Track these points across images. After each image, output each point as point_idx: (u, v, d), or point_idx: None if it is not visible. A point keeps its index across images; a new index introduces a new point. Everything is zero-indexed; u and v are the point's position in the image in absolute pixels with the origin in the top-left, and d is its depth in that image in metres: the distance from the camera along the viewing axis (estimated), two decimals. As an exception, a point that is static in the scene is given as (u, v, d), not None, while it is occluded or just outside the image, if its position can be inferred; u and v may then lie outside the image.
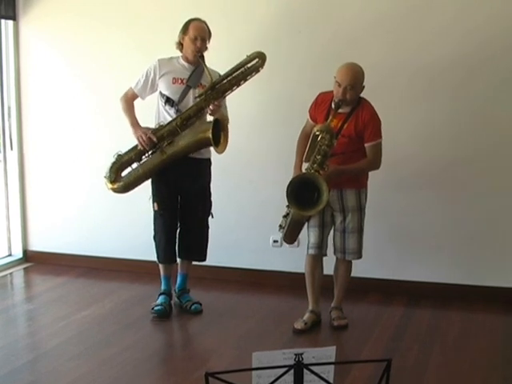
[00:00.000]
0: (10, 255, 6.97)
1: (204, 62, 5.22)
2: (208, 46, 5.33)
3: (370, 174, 5.20)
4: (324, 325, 5.25)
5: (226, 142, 5.31)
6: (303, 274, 5.30)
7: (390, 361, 2.63)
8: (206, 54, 5.30)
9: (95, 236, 6.71)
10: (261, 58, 5.17)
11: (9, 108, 6.76)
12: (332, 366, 2.64)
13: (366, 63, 5.04)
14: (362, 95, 5.03)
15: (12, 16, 6.59)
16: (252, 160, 6.22)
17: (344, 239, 5.16)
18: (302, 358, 2.59)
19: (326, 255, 5.25)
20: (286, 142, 5.71)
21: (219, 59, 5.35)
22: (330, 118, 4.85)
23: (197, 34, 5.24)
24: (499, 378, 4.44)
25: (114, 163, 5.42)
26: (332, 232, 5.24)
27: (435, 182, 5.82)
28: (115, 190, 5.51)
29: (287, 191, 4.82)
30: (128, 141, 5.42)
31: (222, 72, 5.25)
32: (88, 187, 6.57)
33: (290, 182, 4.87)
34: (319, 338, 5.11)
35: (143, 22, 6.22)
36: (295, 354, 2.59)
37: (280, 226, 5.19)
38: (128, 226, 6.36)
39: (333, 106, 4.90)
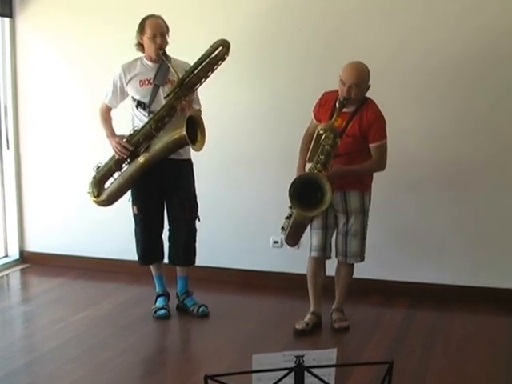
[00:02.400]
0: (6, 256, 6.94)
1: (167, 58, 5.13)
2: (168, 39, 5.22)
3: (374, 174, 5.14)
4: (325, 327, 5.21)
5: (204, 138, 5.17)
6: (304, 275, 5.26)
7: (392, 363, 2.61)
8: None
9: (93, 237, 6.69)
10: (225, 45, 5.05)
11: (5, 107, 6.73)
12: (333, 369, 2.62)
13: (369, 62, 5.00)
14: (367, 95, 4.99)
15: (8, 13, 6.56)
16: (253, 160, 6.17)
17: (346, 242, 5.11)
18: (303, 361, 2.56)
19: (329, 258, 5.20)
20: (287, 142, 5.70)
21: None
22: (334, 117, 4.80)
23: (155, 32, 5.15)
24: (503, 381, 4.40)
25: (94, 177, 5.38)
26: (334, 234, 5.18)
27: (438, 183, 5.79)
28: (100, 204, 5.47)
29: (290, 191, 4.76)
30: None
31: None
32: (85, 188, 6.49)
33: (293, 182, 4.81)
34: (320, 340, 5.07)
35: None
36: (296, 357, 2.56)
37: (282, 227, 5.14)
38: (126, 226, 6.29)
39: (337, 105, 4.85)
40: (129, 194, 5.44)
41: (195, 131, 5.14)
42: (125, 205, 5.58)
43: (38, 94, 6.70)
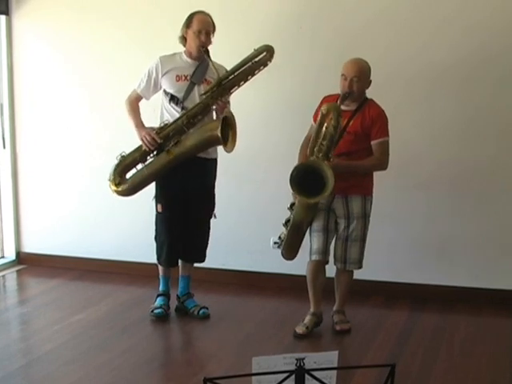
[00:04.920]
0: (2, 257, 6.91)
1: (209, 56, 5.14)
2: (212, 39, 5.23)
3: (377, 174, 5.09)
4: (326, 329, 5.17)
5: (235, 140, 5.19)
6: (304, 276, 5.22)
7: (394, 366, 2.61)
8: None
9: (90, 237, 6.64)
10: (269, 51, 5.11)
11: (1, 105, 6.69)
12: (334, 372, 2.63)
13: (370, 60, 4.99)
14: (368, 96, 4.99)
15: (5, 11, 6.52)
16: (254, 160, 6.15)
17: (346, 248, 5.06)
18: (304, 363, 2.56)
19: (328, 263, 5.14)
20: (288, 141, 5.69)
21: (217, 56, 5.26)
22: (338, 102, 4.78)
23: (201, 28, 5.14)
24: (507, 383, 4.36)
25: (117, 165, 5.30)
26: (333, 240, 5.13)
27: (441, 184, 5.76)
28: (120, 193, 5.38)
29: (291, 176, 4.65)
30: (124, 138, 5.38)
31: (229, 67, 5.17)
32: (83, 187, 6.51)
33: (294, 168, 4.71)
34: (321, 342, 5.04)
35: (140, 16, 6.18)
36: (296, 359, 2.56)
37: (279, 237, 5.09)
38: (124, 227, 6.31)
39: (339, 100, 4.83)
40: (150, 194, 5.39)
41: (227, 132, 5.15)
42: (123, 205, 5.54)
43: (34, 93, 6.65)
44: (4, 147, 6.73)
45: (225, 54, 5.28)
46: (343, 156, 4.87)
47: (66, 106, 6.56)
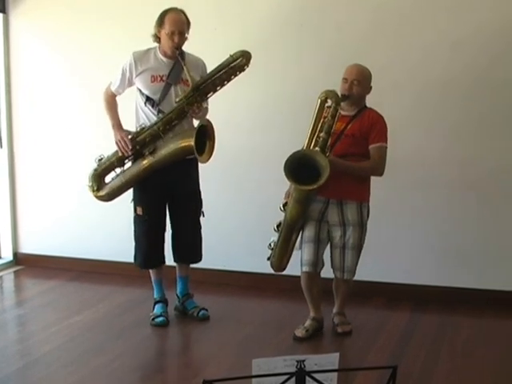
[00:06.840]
0: (-1, 258, 6.94)
1: (183, 59, 5.01)
2: (187, 35, 5.09)
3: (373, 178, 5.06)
4: (327, 330, 5.14)
5: (212, 150, 5.09)
6: (305, 278, 5.19)
7: (396, 368, 2.59)
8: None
9: (88, 238, 6.63)
10: (245, 56, 4.99)
11: (-1, 104, 6.72)
12: (335, 374, 2.61)
13: (372, 60, 5.04)
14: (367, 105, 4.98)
15: (2, 9, 6.52)
16: (253, 160, 6.12)
17: (344, 256, 5.01)
18: (304, 365, 2.55)
19: (319, 274, 5.09)
20: (287, 141, 5.61)
21: (216, 55, 5.21)
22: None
23: (174, 29, 4.99)
24: (509, 385, 4.35)
25: (95, 170, 5.31)
26: (329, 249, 5.07)
27: (443, 182, 5.73)
28: (99, 198, 5.42)
29: (285, 164, 4.57)
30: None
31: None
32: (80, 187, 6.37)
33: (289, 156, 4.61)
34: (322, 344, 5.01)
35: (138, 15, 6.14)
36: (297, 361, 2.55)
37: (269, 244, 5.06)
38: (122, 227, 6.25)
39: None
40: (130, 194, 5.35)
41: (204, 142, 5.05)
42: (120, 206, 5.52)
43: (32, 92, 6.64)
44: (1, 147, 6.73)
45: (222, 52, 5.23)
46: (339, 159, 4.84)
47: (64, 105, 6.55)
